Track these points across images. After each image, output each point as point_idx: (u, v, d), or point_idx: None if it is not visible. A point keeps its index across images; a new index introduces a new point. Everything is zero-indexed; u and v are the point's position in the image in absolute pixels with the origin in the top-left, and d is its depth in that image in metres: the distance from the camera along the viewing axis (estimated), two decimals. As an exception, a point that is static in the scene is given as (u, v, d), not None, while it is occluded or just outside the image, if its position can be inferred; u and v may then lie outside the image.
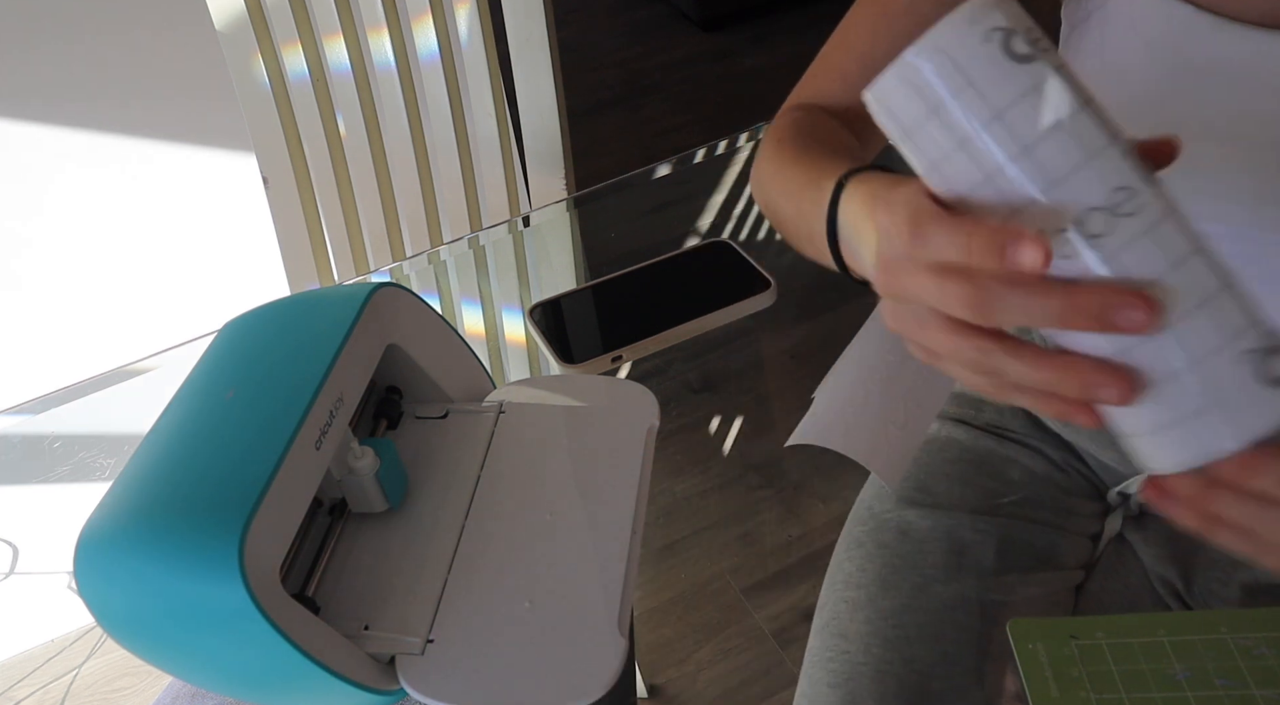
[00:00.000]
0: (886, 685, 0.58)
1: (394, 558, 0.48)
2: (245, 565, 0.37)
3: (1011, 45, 0.29)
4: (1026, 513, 0.68)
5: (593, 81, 2.65)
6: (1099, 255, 0.30)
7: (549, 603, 0.44)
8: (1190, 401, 0.31)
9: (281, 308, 0.51)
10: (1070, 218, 0.30)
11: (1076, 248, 0.30)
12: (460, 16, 1.00)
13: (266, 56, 0.94)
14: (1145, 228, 0.30)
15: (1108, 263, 0.30)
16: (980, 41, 0.29)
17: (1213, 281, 0.31)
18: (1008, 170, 0.30)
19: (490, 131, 1.06)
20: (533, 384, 0.57)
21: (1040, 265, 0.30)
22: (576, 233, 0.92)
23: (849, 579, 0.65)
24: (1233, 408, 0.31)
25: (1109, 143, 0.30)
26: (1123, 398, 0.31)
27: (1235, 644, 0.45)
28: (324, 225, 1.03)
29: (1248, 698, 0.43)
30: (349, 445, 0.48)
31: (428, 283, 0.88)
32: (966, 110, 0.30)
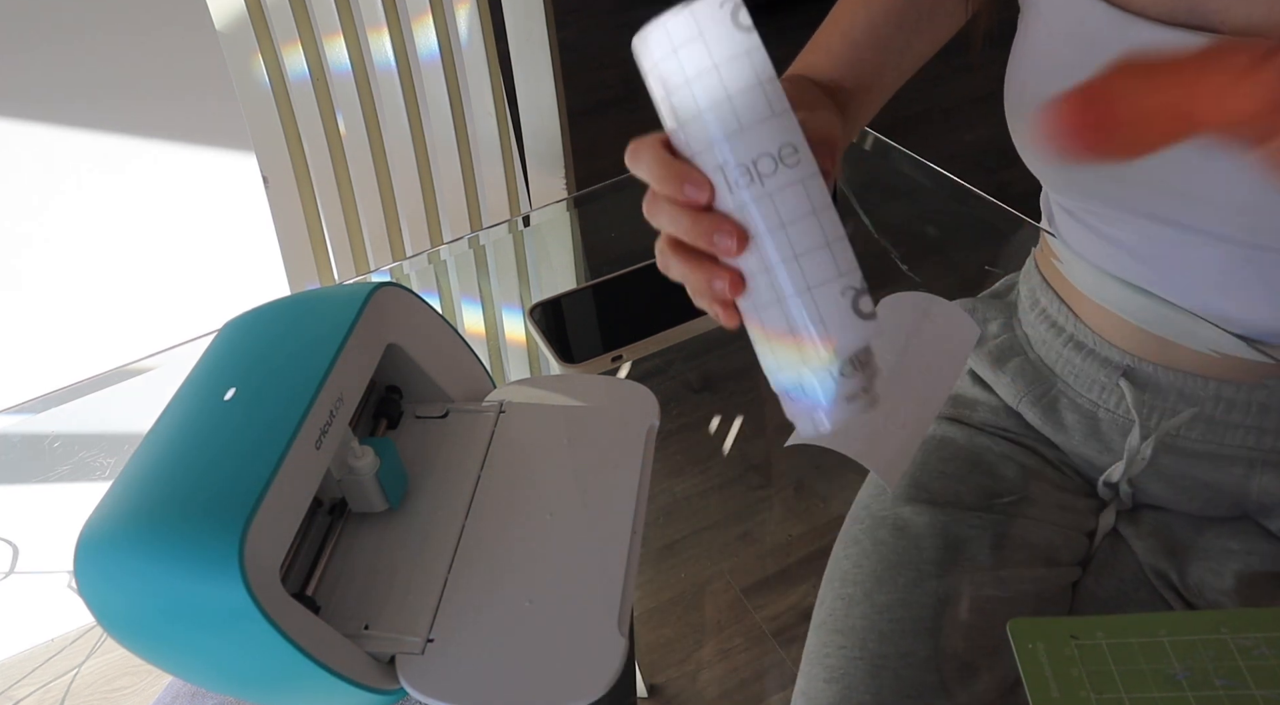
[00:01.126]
0: (882, 679, 0.58)
1: (394, 557, 0.48)
2: (245, 565, 0.37)
3: (738, 17, 0.38)
4: (1021, 509, 0.68)
5: (593, 81, 2.65)
6: (763, 190, 0.40)
7: (549, 602, 0.44)
8: (806, 317, 0.40)
9: (281, 307, 0.51)
10: (750, 156, 0.39)
11: (749, 180, 0.40)
12: (460, 16, 1.00)
13: (267, 56, 0.94)
14: (800, 179, 0.40)
15: (770, 196, 0.40)
16: (717, 8, 0.38)
17: (837, 230, 0.41)
18: (716, 109, 0.39)
19: (490, 131, 1.06)
20: (533, 384, 0.57)
21: (700, 199, 0.40)
22: (577, 232, 0.92)
23: (845, 576, 0.65)
24: (834, 327, 0.40)
25: (789, 110, 0.39)
26: (733, 290, 0.41)
27: (1235, 644, 0.45)
28: (324, 225, 1.03)
29: (1248, 698, 0.43)
30: (349, 445, 0.48)
31: (428, 282, 0.88)
32: (694, 56, 0.39)
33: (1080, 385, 0.69)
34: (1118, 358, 0.67)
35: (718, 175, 0.40)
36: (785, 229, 0.40)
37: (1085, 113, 0.44)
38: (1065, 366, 0.70)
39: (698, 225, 0.41)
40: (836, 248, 0.40)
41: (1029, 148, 0.66)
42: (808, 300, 0.40)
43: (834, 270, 0.40)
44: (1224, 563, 0.63)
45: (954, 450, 0.72)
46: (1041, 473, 0.71)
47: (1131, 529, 0.68)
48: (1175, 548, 0.65)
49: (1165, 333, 0.64)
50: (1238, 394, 0.63)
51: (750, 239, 0.40)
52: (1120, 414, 0.67)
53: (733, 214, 0.40)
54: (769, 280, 0.40)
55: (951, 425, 0.74)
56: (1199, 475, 0.65)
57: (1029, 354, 0.73)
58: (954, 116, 2.38)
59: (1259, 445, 0.63)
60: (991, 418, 0.74)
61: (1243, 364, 0.63)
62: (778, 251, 0.40)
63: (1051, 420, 0.71)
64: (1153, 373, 0.65)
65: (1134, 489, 0.68)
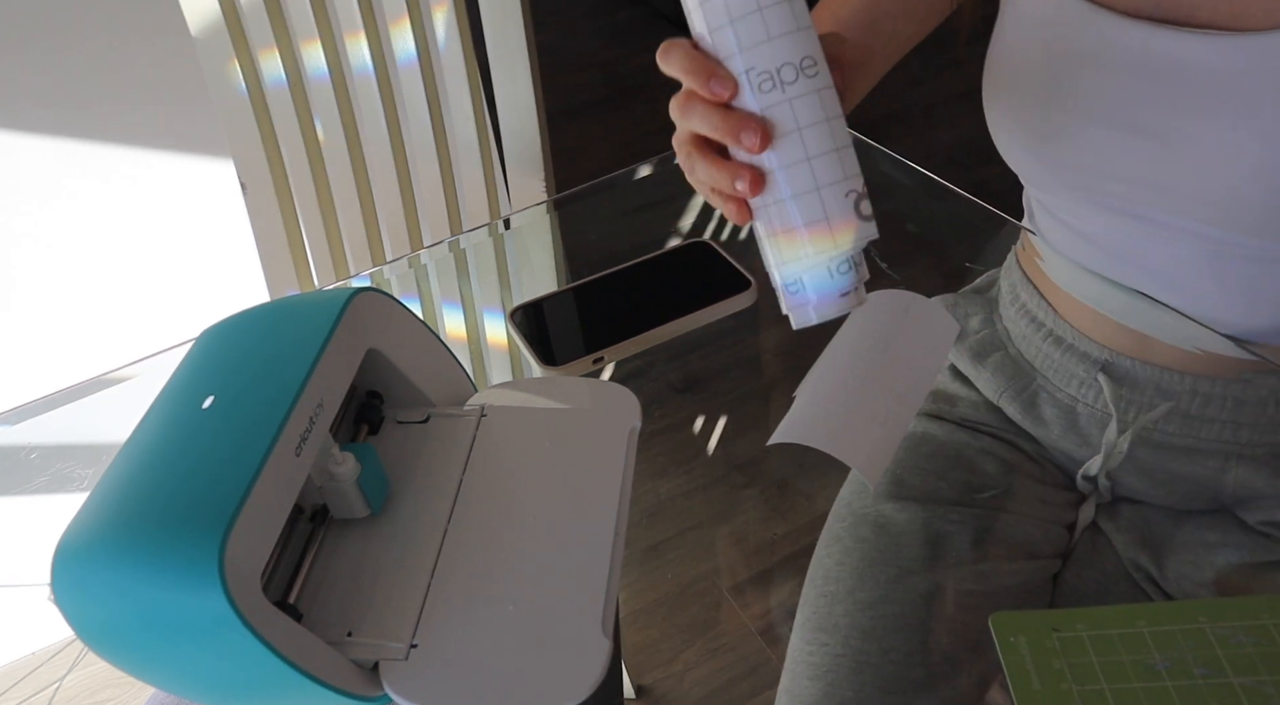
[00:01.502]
0: (864, 676, 0.59)
1: (376, 563, 0.48)
2: (226, 573, 0.37)
3: None
4: (1002, 504, 0.69)
5: (574, 83, 2.65)
6: (783, 95, 0.44)
7: (532, 606, 0.44)
8: (813, 213, 0.45)
9: (260, 314, 0.51)
10: (775, 64, 0.43)
11: (772, 86, 0.44)
12: (438, 20, 1.00)
13: (243, 62, 0.94)
14: (816, 89, 0.44)
15: (788, 103, 0.44)
16: None
17: (845, 139, 0.45)
18: (747, 20, 0.43)
19: (469, 135, 1.06)
20: (514, 387, 0.57)
21: (724, 95, 0.45)
22: (557, 235, 0.92)
23: (828, 574, 0.66)
24: (837, 224, 0.45)
25: (811, 26, 0.44)
26: (753, 188, 0.45)
27: (1214, 633, 0.45)
28: (303, 231, 1.03)
29: (1226, 686, 0.43)
30: (330, 451, 0.48)
31: (408, 287, 0.88)
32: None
33: (1059, 380, 0.70)
34: (1096, 353, 0.67)
35: (743, 79, 0.44)
36: (801, 133, 0.44)
37: None
38: (1045, 361, 0.71)
39: (727, 121, 0.45)
40: (844, 154, 0.45)
41: (1005, 140, 0.66)
42: (816, 198, 0.44)
43: (841, 173, 0.45)
44: (1202, 555, 0.63)
45: (935, 446, 0.72)
46: (1021, 467, 0.72)
47: (1111, 522, 0.69)
48: (1154, 540, 0.66)
49: (1142, 328, 0.65)
50: (1214, 388, 0.63)
51: (770, 140, 0.44)
52: (1099, 408, 0.68)
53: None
54: (783, 178, 0.45)
55: (932, 421, 0.74)
56: (1176, 469, 0.66)
57: (1009, 349, 0.74)
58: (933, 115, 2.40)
59: (1235, 439, 0.64)
60: (972, 413, 0.74)
61: (1219, 359, 0.63)
62: (792, 153, 0.44)
63: (1031, 415, 0.71)
64: (1130, 367, 0.66)
65: (1112, 482, 0.69)
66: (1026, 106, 0.63)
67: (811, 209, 0.45)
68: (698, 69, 0.45)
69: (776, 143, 0.44)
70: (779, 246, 0.47)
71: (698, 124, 0.46)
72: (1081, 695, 0.44)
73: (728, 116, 0.45)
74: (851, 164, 0.45)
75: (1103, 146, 0.59)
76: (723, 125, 0.45)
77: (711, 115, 0.45)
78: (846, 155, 0.45)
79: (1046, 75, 0.61)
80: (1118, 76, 0.57)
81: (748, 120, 0.44)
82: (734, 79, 0.44)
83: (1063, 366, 0.69)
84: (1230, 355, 0.63)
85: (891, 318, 0.61)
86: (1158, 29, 0.55)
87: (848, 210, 0.45)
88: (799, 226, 0.45)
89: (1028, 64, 0.63)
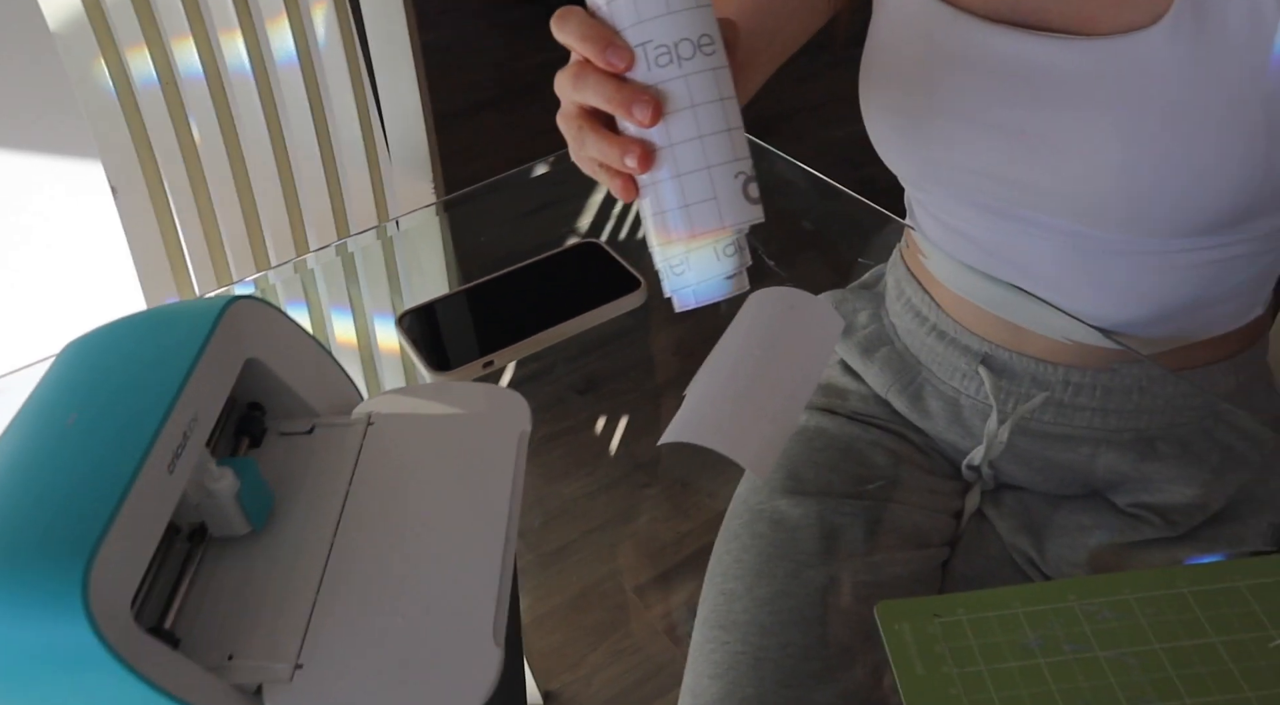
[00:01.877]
0: (764, 671, 0.60)
1: (259, 582, 0.46)
2: (90, 602, 0.35)
3: None
4: (892, 494, 0.70)
5: (467, 82, 2.62)
6: (679, 71, 0.43)
7: (422, 618, 0.43)
8: (702, 191, 0.44)
9: (128, 325, 0.49)
10: (674, 38, 0.43)
11: (669, 60, 0.43)
12: (318, 18, 0.97)
13: (110, 61, 0.89)
14: (712, 67, 0.44)
15: (683, 79, 0.43)
16: None
17: (738, 120, 0.45)
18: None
19: (354, 135, 1.03)
20: (402, 394, 0.56)
21: (620, 66, 0.44)
22: (448, 237, 0.91)
23: (726, 571, 0.66)
24: (724, 203, 0.45)
25: (710, 4, 0.44)
26: (642, 164, 0.45)
27: (1081, 610, 0.47)
28: (180, 236, 0.98)
29: (1093, 660, 0.45)
30: (206, 467, 0.46)
31: (295, 292, 0.85)
32: None
33: (943, 372, 0.72)
34: (976, 346, 0.70)
35: (639, 52, 0.44)
36: (694, 110, 0.44)
37: None
38: (929, 355, 0.73)
39: (621, 93, 0.44)
40: (736, 135, 0.45)
41: (881, 139, 0.68)
42: (705, 177, 0.44)
43: (731, 154, 0.44)
44: (1077, 537, 0.66)
45: (827, 440, 0.74)
46: (910, 458, 0.74)
47: (994, 509, 0.72)
48: (1034, 525, 0.69)
49: (1017, 320, 0.68)
50: (1084, 378, 0.66)
51: (662, 114, 0.44)
52: (980, 400, 0.70)
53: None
54: (671, 155, 0.44)
55: (824, 415, 0.76)
56: (1051, 456, 0.68)
57: (896, 344, 0.76)
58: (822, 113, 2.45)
59: (1104, 425, 0.67)
60: (862, 406, 0.76)
61: (1089, 350, 0.66)
62: (684, 130, 0.44)
63: (918, 407, 0.73)
64: (1008, 359, 0.68)
65: (995, 471, 0.72)
66: (899, 107, 0.65)
67: (701, 188, 0.44)
68: (595, 37, 0.44)
69: (669, 119, 0.44)
70: (665, 226, 0.46)
71: (590, 95, 0.46)
72: (961, 677, 0.45)
73: (621, 88, 0.44)
74: (742, 146, 0.45)
75: (970, 145, 0.61)
76: (616, 96, 0.44)
77: (605, 86, 0.45)
78: (738, 136, 0.45)
79: (916, 76, 0.63)
80: (981, 78, 0.60)
81: (641, 93, 0.44)
82: (631, 50, 0.44)
83: (946, 359, 0.71)
84: (1099, 345, 0.66)
85: (777, 315, 0.62)
86: (1014, 33, 0.58)
87: (736, 191, 0.45)
88: (687, 205, 0.45)
89: (898, 65, 0.65)
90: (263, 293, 0.83)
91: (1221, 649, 0.45)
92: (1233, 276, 0.63)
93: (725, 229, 0.45)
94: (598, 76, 0.45)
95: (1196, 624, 0.46)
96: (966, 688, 0.45)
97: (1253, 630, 0.46)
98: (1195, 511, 0.64)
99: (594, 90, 0.45)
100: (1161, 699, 0.44)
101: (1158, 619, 0.47)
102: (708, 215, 0.45)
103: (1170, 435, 0.66)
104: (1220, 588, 0.48)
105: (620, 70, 0.44)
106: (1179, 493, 0.64)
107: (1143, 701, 0.44)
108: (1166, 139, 0.54)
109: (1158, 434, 0.66)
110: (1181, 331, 0.66)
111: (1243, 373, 0.68)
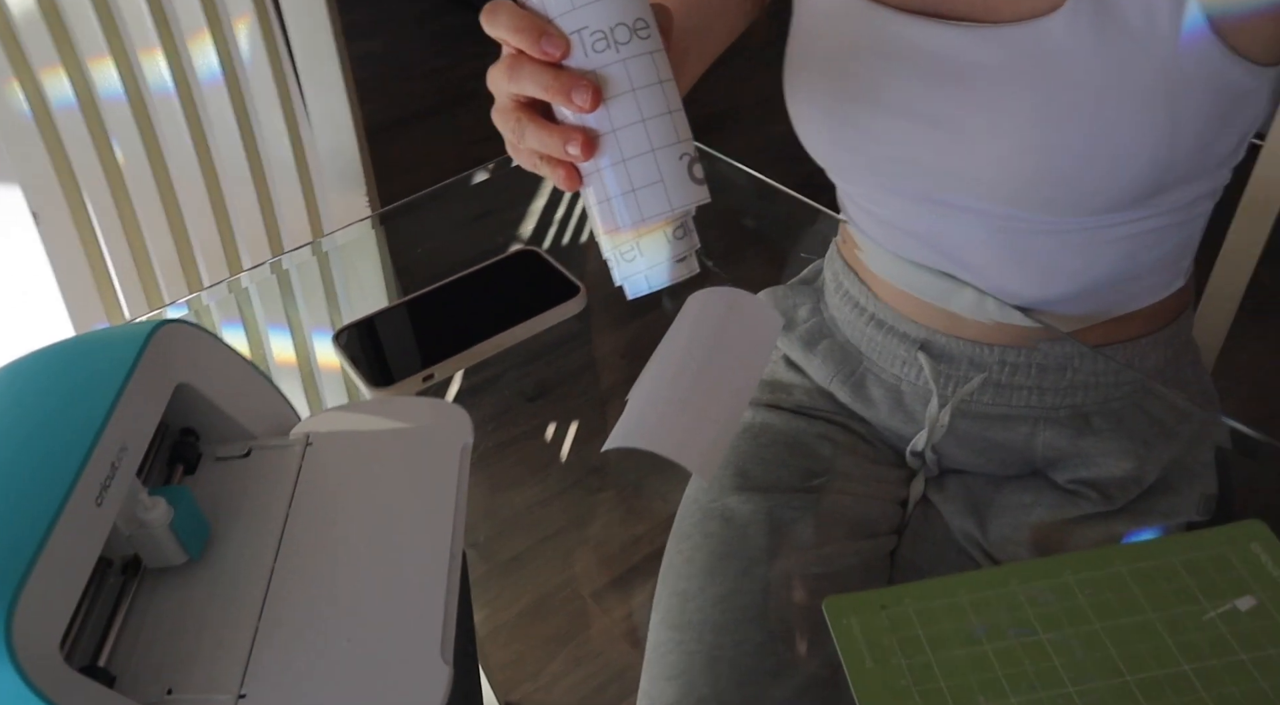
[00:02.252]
0: (719, 670, 0.60)
1: (198, 612, 0.45)
2: (15, 643, 0.34)
3: None
4: (839, 486, 0.71)
5: (404, 92, 2.59)
6: (616, 56, 0.43)
7: (367, 639, 0.42)
8: (649, 176, 0.44)
9: (50, 355, 0.47)
10: (609, 23, 0.43)
11: (605, 45, 0.43)
12: (240, 33, 0.96)
13: (24, 83, 0.87)
14: (650, 50, 0.44)
15: (621, 63, 0.43)
16: None
17: (678, 102, 0.45)
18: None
19: (284, 151, 1.01)
20: (341, 411, 0.55)
21: (556, 55, 0.44)
22: (385, 250, 0.90)
23: (679, 572, 0.66)
24: (671, 186, 0.44)
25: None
26: (585, 152, 0.44)
27: (1024, 595, 0.48)
28: (108, 260, 0.96)
29: (1037, 643, 0.46)
30: (137, 497, 0.44)
31: (230, 312, 0.83)
32: None
33: (884, 361, 0.73)
34: (914, 332, 0.70)
35: (575, 39, 0.43)
36: (635, 94, 0.43)
37: None
38: (869, 344, 0.74)
39: (559, 80, 0.44)
40: (677, 117, 0.45)
41: (806, 131, 0.69)
42: (651, 160, 0.44)
43: (674, 136, 0.44)
44: (1019, 516, 0.67)
45: (773, 435, 0.74)
46: (855, 449, 0.75)
47: (939, 494, 0.73)
48: (978, 507, 0.70)
49: (950, 306, 0.69)
50: (1019, 358, 0.68)
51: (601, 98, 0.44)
52: (920, 385, 0.71)
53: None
54: (614, 141, 0.44)
55: (769, 411, 0.76)
56: (992, 436, 0.70)
57: (837, 336, 0.76)
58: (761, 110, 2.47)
59: (1040, 403, 0.68)
60: (806, 400, 0.77)
61: (1019, 330, 0.68)
62: (626, 115, 0.44)
63: (861, 397, 0.74)
64: (945, 344, 0.69)
65: (938, 455, 0.73)
66: (820, 98, 0.66)
67: (647, 171, 0.44)
68: (528, 28, 0.44)
69: (610, 104, 0.44)
70: (612, 212, 0.46)
71: (527, 85, 0.45)
72: (910, 668, 0.46)
73: (559, 75, 0.44)
74: (684, 126, 0.45)
75: (890, 134, 0.63)
76: (554, 84, 0.44)
77: (542, 74, 0.44)
78: (679, 118, 0.45)
79: (835, 69, 0.64)
80: (897, 68, 0.61)
81: (579, 78, 0.43)
82: (566, 38, 0.44)
83: (885, 348, 0.72)
84: (1027, 326, 0.67)
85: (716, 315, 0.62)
86: (925, 22, 0.59)
87: (682, 173, 0.44)
88: (634, 190, 0.44)
89: (817, 59, 0.65)
90: (196, 314, 0.81)
91: (1159, 625, 0.46)
92: (1152, 250, 0.64)
93: (673, 212, 0.45)
94: (534, 66, 0.45)
95: (1134, 601, 0.47)
96: (916, 678, 0.46)
97: (1187, 604, 0.47)
98: (1130, 485, 0.66)
99: (530, 79, 0.45)
100: (1103, 677, 0.45)
101: (1096, 598, 0.48)
102: (655, 199, 0.44)
103: (1104, 410, 0.68)
104: (1155, 565, 0.49)
105: (556, 58, 0.44)
106: (1115, 466, 0.66)
107: (1085, 680, 0.45)
108: (1076, 120, 0.56)
109: (1093, 410, 0.68)
110: (1108, 306, 0.68)
111: (1170, 346, 0.70)
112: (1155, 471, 0.66)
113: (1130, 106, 0.55)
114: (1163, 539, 0.57)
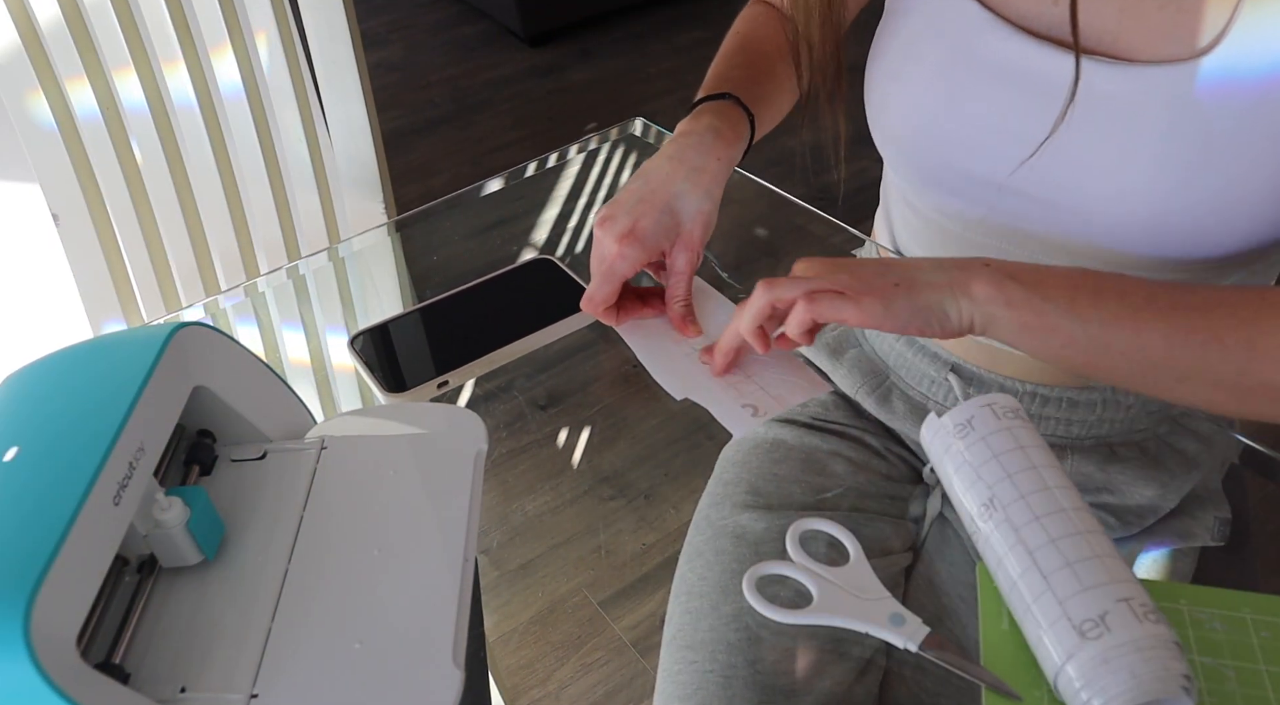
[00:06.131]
0: (733, 689, 0.59)
1: (212, 612, 0.45)
2: (33, 639, 0.34)
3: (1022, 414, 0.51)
4: (853, 503, 0.70)
5: (421, 100, 2.61)
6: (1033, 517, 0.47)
7: (380, 642, 0.42)
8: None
9: (71, 356, 0.48)
10: (1031, 513, 0.47)
11: (1024, 517, 0.48)
12: (261, 44, 0.97)
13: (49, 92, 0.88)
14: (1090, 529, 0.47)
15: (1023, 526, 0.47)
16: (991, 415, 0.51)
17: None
18: (1021, 474, 0.49)
19: (302, 158, 1.02)
20: (356, 416, 0.56)
21: None
22: (400, 257, 0.90)
23: (691, 590, 0.66)
24: None
25: (1064, 484, 0.49)
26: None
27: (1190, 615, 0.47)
28: (127, 263, 0.97)
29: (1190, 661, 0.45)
30: (154, 497, 0.45)
31: (246, 316, 0.84)
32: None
33: (911, 378, 0.72)
34: (945, 355, 0.70)
35: (990, 502, 0.49)
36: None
37: None
38: (898, 360, 0.73)
39: None
40: None
41: (890, 136, 0.67)
42: None
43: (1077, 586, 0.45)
44: None
45: (785, 452, 0.74)
46: (869, 465, 0.74)
47: (955, 513, 0.72)
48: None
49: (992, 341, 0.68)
50: (1052, 393, 0.67)
51: None
52: (948, 406, 0.70)
53: (992, 531, 0.49)
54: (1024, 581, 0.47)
55: (782, 426, 0.76)
56: None
57: (864, 346, 0.76)
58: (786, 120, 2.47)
59: (1067, 434, 0.68)
60: (822, 412, 0.76)
61: (1058, 373, 0.67)
62: None
63: (886, 408, 0.74)
64: (976, 372, 0.69)
65: None
66: (917, 106, 0.64)
67: None
68: None
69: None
70: None
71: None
72: None
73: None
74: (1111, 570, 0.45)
75: (991, 153, 0.61)
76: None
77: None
78: None
79: (939, 77, 0.62)
80: (1012, 87, 0.59)
81: None
82: None
83: (914, 366, 0.72)
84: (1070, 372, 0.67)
85: None
86: (1050, 48, 0.57)
87: None
88: None
89: (919, 64, 0.63)
90: (213, 318, 0.82)
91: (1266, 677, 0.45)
92: None
93: None
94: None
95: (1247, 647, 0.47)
96: None
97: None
98: (1148, 513, 0.65)
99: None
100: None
101: (1273, 643, 0.47)
102: None
103: (1129, 440, 0.67)
104: None
105: None
106: (1139, 494, 0.65)
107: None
108: (1207, 165, 0.54)
109: (1118, 440, 0.67)
110: None
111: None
112: (1175, 500, 0.65)
113: (1253, 160, 0.53)
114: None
